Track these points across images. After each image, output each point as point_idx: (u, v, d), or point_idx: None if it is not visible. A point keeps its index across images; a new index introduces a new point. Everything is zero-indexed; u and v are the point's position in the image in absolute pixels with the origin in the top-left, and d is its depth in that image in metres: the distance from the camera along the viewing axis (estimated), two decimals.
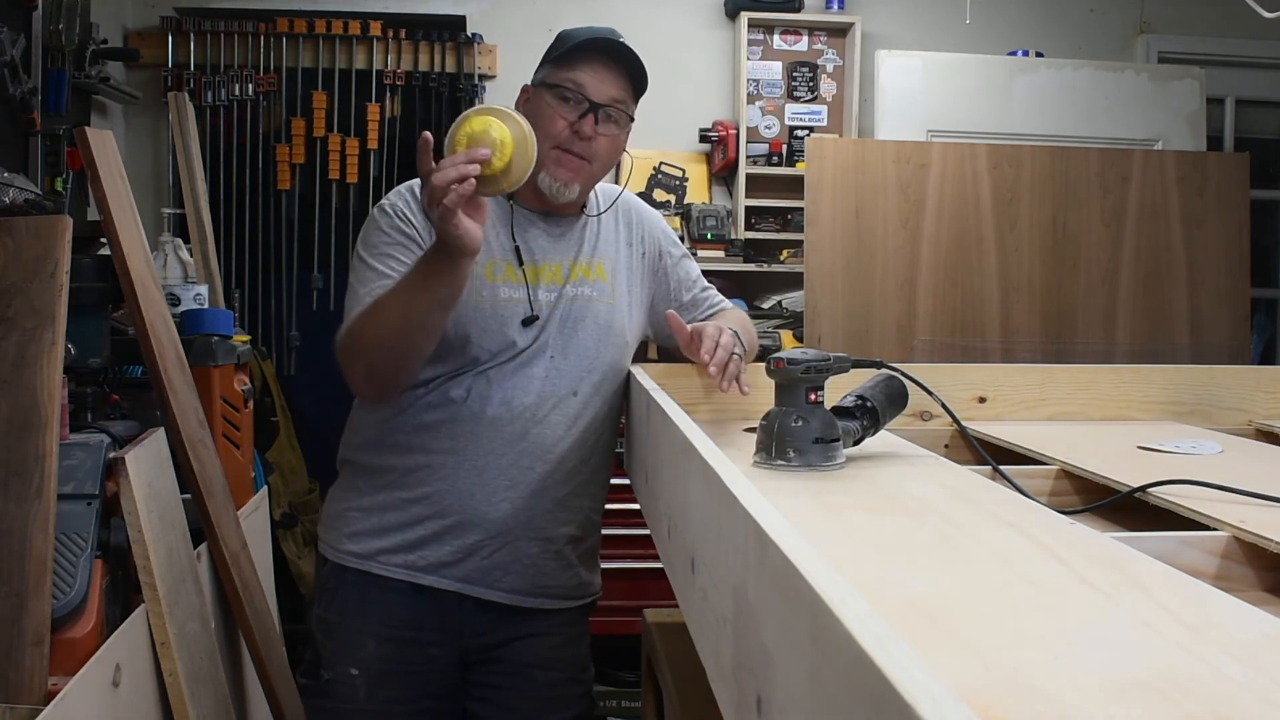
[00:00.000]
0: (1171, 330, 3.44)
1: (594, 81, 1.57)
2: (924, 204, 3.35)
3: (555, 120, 1.57)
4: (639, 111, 1.66)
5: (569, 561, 1.69)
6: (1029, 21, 4.11)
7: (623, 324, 1.71)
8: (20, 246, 1.74)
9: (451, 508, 1.60)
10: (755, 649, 0.67)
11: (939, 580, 0.80)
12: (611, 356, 1.69)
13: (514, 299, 1.63)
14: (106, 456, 1.78)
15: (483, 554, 1.61)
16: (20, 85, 2.84)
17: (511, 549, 1.62)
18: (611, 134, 1.61)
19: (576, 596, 1.73)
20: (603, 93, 1.58)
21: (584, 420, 1.66)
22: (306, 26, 3.82)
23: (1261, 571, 0.99)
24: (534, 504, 1.62)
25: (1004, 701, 0.54)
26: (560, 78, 1.58)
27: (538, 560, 1.65)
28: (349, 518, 1.65)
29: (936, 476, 1.23)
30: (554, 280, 1.66)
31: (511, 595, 1.64)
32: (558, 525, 1.66)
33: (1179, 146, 3.75)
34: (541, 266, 1.66)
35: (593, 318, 1.67)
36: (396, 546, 1.61)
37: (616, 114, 1.60)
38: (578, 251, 1.69)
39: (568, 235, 1.69)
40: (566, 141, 1.57)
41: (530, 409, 1.61)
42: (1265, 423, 1.75)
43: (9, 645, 1.51)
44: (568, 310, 1.65)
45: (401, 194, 1.67)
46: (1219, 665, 0.61)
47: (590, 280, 1.69)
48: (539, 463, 1.62)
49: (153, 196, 3.74)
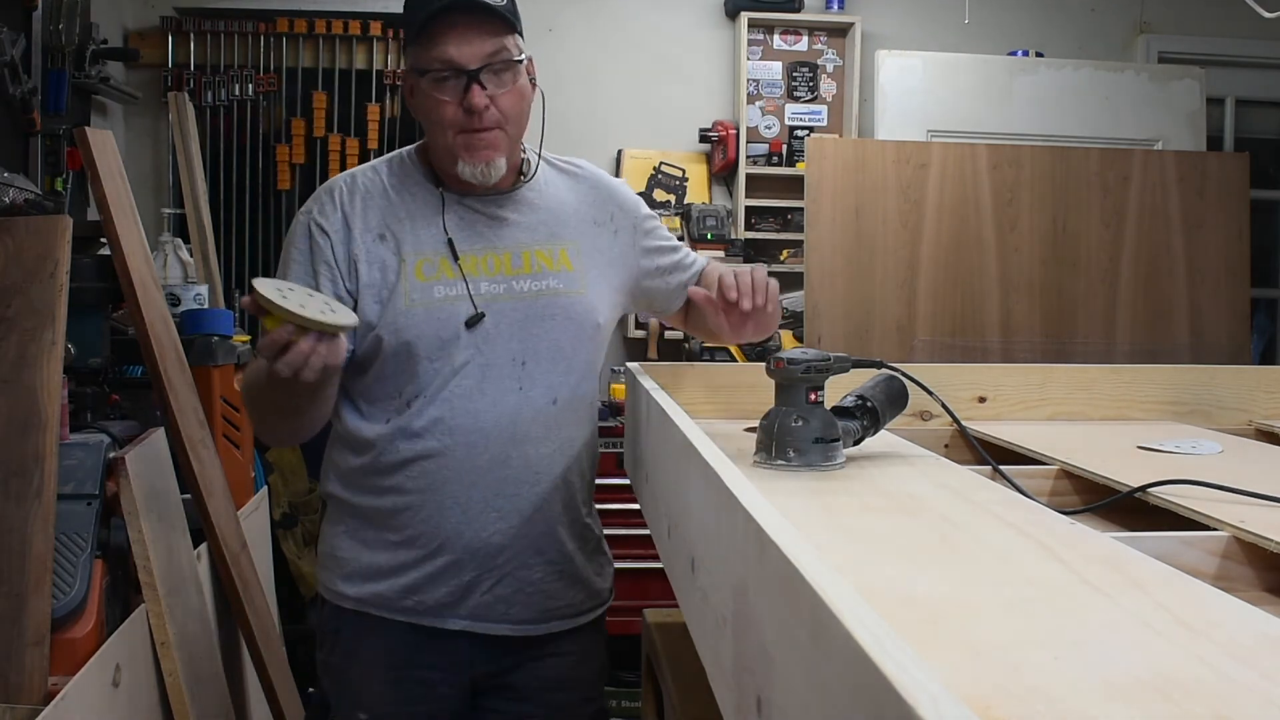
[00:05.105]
0: (1171, 330, 3.44)
1: (459, 48, 1.40)
2: (924, 204, 3.35)
3: (442, 107, 1.42)
4: (638, 110, 1.64)
5: (576, 575, 1.58)
6: (1029, 21, 4.11)
7: (596, 316, 1.55)
8: (20, 246, 1.74)
9: (442, 548, 1.48)
10: (755, 649, 0.67)
11: (939, 580, 0.80)
12: (588, 353, 1.55)
13: (451, 297, 1.47)
14: (106, 456, 1.78)
15: (483, 589, 1.50)
16: (20, 85, 2.84)
17: (513, 579, 1.51)
18: (507, 87, 1.44)
19: (590, 609, 1.62)
20: (474, 55, 1.40)
21: (567, 428, 1.53)
22: (306, 26, 3.82)
23: (1261, 571, 0.99)
24: (529, 529, 1.50)
25: (1004, 702, 0.54)
26: (427, 60, 1.42)
27: (542, 585, 1.53)
28: (341, 560, 1.54)
29: (936, 476, 1.23)
30: (500, 270, 1.49)
31: (520, 626, 1.53)
32: (558, 544, 1.54)
33: (1179, 146, 3.75)
34: (483, 256, 1.49)
35: (563, 313, 1.51)
36: (392, 590, 1.50)
37: (500, 65, 1.42)
38: (531, 235, 1.53)
39: (509, 216, 1.53)
40: (464, 123, 1.42)
41: (506, 428, 1.47)
42: (1265, 423, 1.75)
43: (9, 645, 1.51)
44: (532, 307, 1.49)
45: (321, 201, 1.51)
46: (1219, 665, 0.61)
47: (554, 270, 1.52)
48: (525, 486, 1.49)
49: (153, 196, 3.73)
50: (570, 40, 3.90)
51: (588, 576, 1.60)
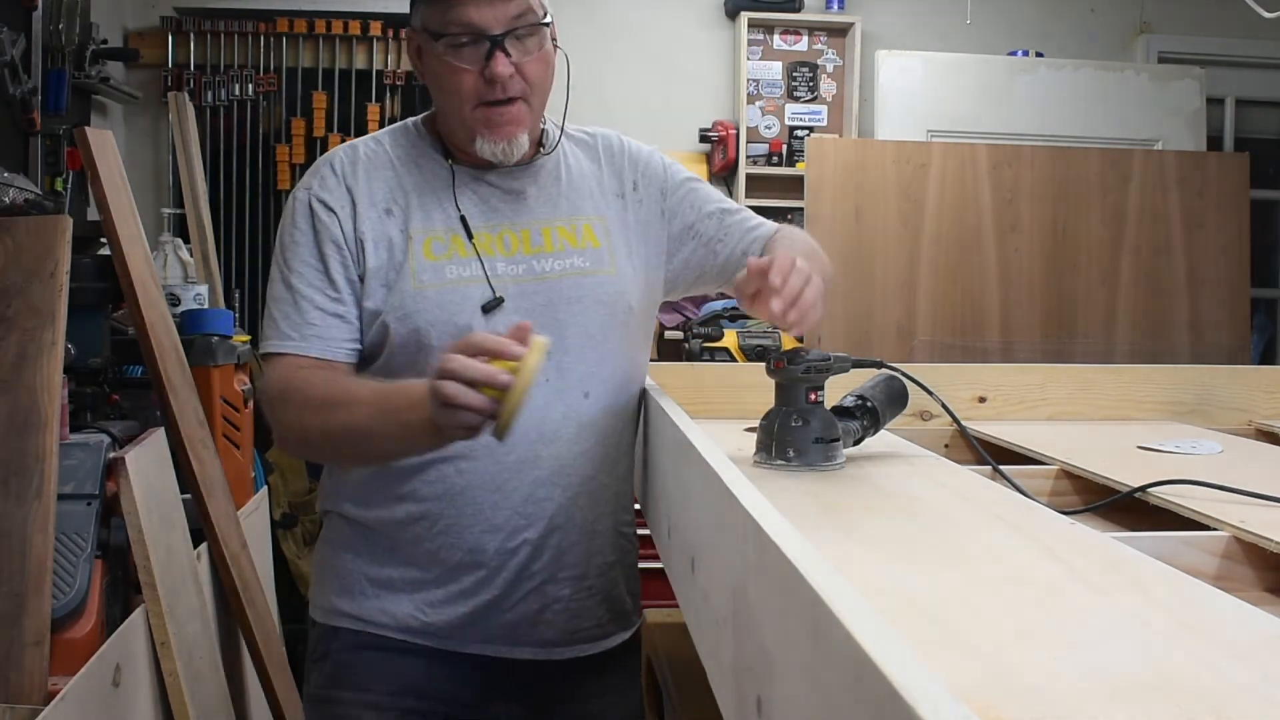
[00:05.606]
0: (1171, 330, 3.44)
1: (481, 10, 1.22)
2: (924, 204, 3.36)
3: (460, 77, 1.25)
4: (638, 110, 1.60)
5: (607, 593, 1.40)
6: (1029, 21, 4.11)
7: (628, 297, 1.37)
8: (20, 246, 1.74)
9: (461, 565, 1.31)
10: (755, 649, 0.67)
11: (939, 580, 0.80)
12: (622, 340, 1.37)
13: (464, 278, 1.30)
14: (106, 456, 1.78)
15: (504, 608, 1.32)
16: (20, 85, 2.84)
17: (539, 595, 1.33)
18: (532, 53, 1.27)
19: (618, 630, 1.42)
20: (498, 18, 1.23)
21: (601, 424, 1.35)
22: (306, 26, 3.82)
23: (1261, 571, 0.99)
24: (559, 540, 1.33)
25: (1004, 701, 0.54)
26: (443, 21, 1.24)
27: (570, 603, 1.35)
28: (340, 572, 1.36)
29: (936, 476, 1.23)
30: (520, 249, 1.33)
31: (543, 649, 1.35)
32: (590, 557, 1.36)
33: (1179, 146, 3.75)
34: (499, 233, 1.33)
35: (590, 295, 1.34)
36: (399, 609, 1.33)
37: (525, 30, 1.25)
38: (552, 210, 1.36)
39: (527, 190, 1.36)
40: (486, 94, 1.25)
41: (534, 425, 1.28)
42: (1265, 423, 1.75)
43: (9, 645, 1.51)
44: (555, 289, 1.32)
45: (320, 175, 1.34)
46: (1219, 665, 0.61)
47: (579, 248, 1.35)
48: (557, 490, 1.32)
49: (153, 196, 3.74)
50: (570, 40, 3.87)
51: (620, 595, 1.42)
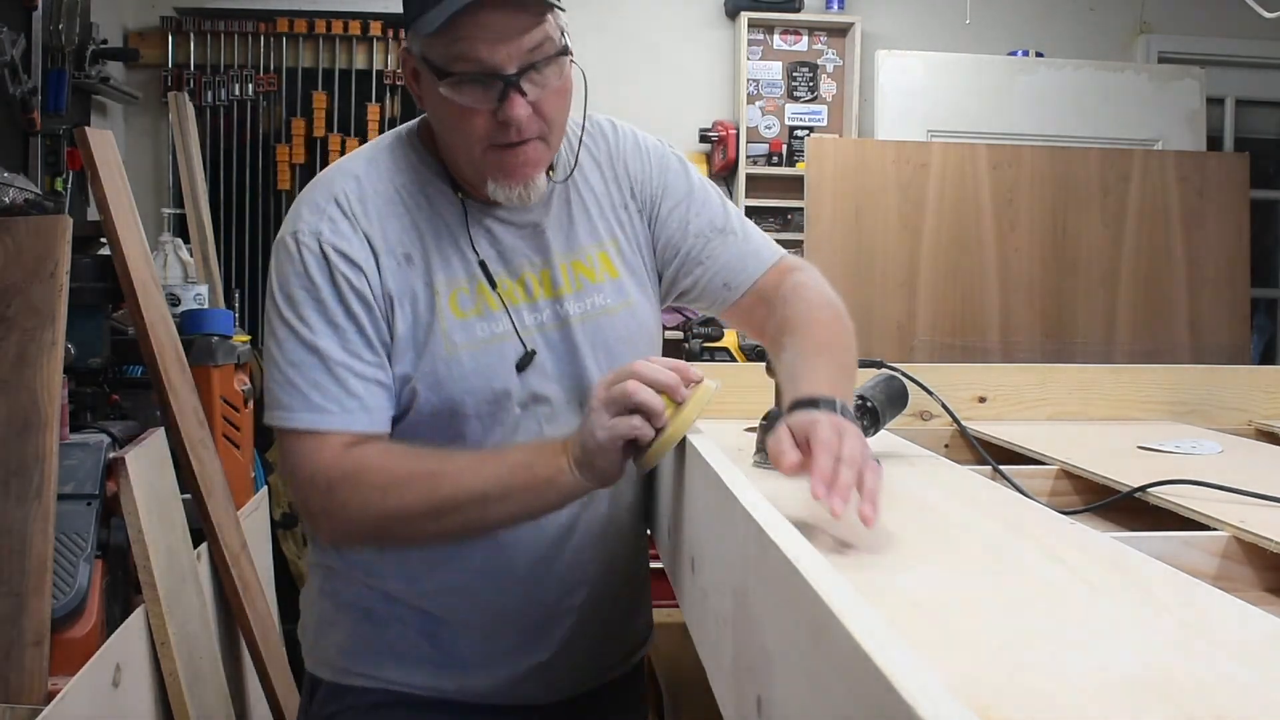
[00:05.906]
0: (1171, 330, 3.44)
1: (492, 45, 1.05)
2: (924, 204, 3.35)
3: (470, 119, 1.08)
4: (638, 110, 1.58)
5: (630, 625, 1.34)
6: (1029, 21, 4.11)
7: (647, 324, 1.26)
8: (20, 246, 1.74)
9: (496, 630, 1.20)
10: (755, 649, 0.67)
11: (938, 580, 0.80)
12: None
13: (496, 335, 1.16)
14: (106, 456, 1.78)
15: (531, 667, 1.23)
16: (20, 85, 2.84)
17: (567, 652, 1.23)
18: (551, 86, 1.11)
19: (627, 656, 1.35)
20: (513, 55, 1.06)
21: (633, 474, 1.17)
22: (306, 26, 3.82)
23: (1261, 571, 0.99)
24: (597, 611, 1.24)
25: (1004, 702, 0.54)
26: (448, 57, 1.06)
27: (597, 652, 1.28)
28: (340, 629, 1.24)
29: (936, 476, 1.23)
30: (541, 293, 1.19)
31: (554, 690, 1.26)
32: (615, 599, 1.28)
33: (1179, 146, 3.75)
34: (519, 277, 1.18)
35: (615, 334, 1.21)
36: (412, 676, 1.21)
37: (541, 63, 1.09)
38: (568, 243, 1.21)
39: (541, 220, 1.20)
40: (498, 136, 1.09)
41: None
42: (1265, 423, 1.75)
43: (9, 645, 1.51)
44: (581, 333, 1.20)
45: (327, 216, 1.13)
46: (1219, 665, 0.61)
47: (596, 283, 1.21)
48: (596, 539, 1.22)
49: (153, 196, 3.74)
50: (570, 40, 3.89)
51: (637, 627, 1.36)
